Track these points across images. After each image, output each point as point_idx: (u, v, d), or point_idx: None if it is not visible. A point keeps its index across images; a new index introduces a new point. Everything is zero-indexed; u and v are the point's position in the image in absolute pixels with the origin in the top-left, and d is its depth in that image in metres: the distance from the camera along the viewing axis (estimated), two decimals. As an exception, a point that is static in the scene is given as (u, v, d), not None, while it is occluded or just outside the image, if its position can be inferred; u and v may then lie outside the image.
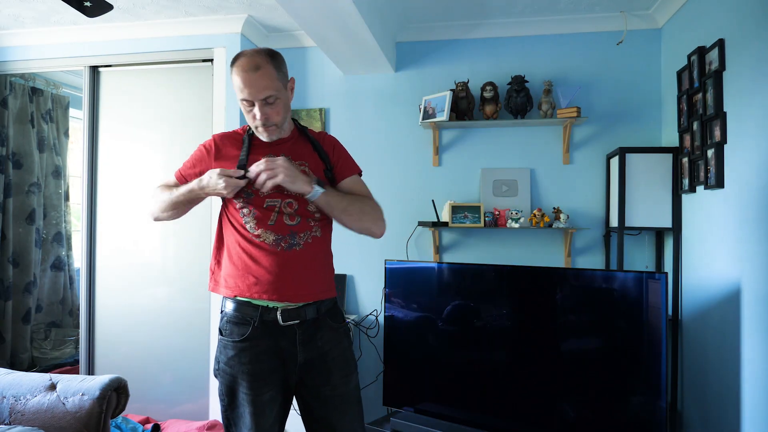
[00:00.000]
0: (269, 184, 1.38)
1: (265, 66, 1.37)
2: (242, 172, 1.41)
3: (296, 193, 1.44)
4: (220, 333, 1.49)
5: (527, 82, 2.77)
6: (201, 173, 1.49)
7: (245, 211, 1.47)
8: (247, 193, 1.46)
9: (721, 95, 2.08)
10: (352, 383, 1.55)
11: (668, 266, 2.62)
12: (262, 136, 1.48)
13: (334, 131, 3.04)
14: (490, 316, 2.38)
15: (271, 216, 1.45)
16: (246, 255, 1.45)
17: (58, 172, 3.75)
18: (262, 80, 1.37)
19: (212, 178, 1.40)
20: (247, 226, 1.46)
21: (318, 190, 1.42)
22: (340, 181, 1.56)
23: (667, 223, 2.52)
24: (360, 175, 1.62)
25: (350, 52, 2.70)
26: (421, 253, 2.99)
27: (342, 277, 3.03)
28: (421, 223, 2.85)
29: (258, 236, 1.45)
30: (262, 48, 1.43)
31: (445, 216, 2.83)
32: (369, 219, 1.52)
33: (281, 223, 1.44)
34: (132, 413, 2.94)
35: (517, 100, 2.74)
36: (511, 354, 2.33)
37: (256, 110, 1.40)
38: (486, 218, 2.79)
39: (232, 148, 1.52)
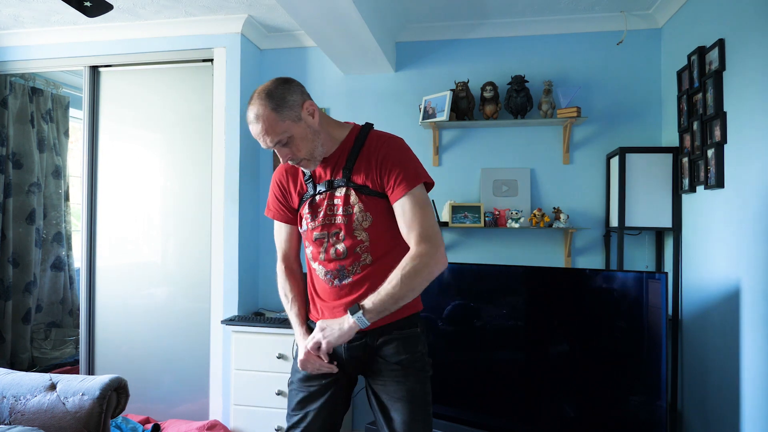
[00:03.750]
0: (323, 358, 1.36)
1: (263, 113, 1.29)
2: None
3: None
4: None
5: (527, 82, 2.77)
6: (287, 207, 1.50)
7: (306, 243, 1.48)
8: (303, 225, 1.45)
9: (721, 95, 2.08)
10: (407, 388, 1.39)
11: (668, 266, 2.62)
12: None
13: (334, 131, 3.04)
14: (490, 316, 2.38)
15: (321, 249, 1.42)
16: (312, 284, 1.48)
17: (58, 172, 3.75)
18: (264, 129, 1.30)
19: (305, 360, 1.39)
20: (309, 256, 1.47)
21: (361, 319, 1.29)
22: (393, 203, 1.38)
23: (667, 223, 2.52)
24: (413, 187, 1.36)
25: (350, 52, 2.70)
26: (421, 253, 2.98)
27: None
28: (421, 223, 2.84)
29: (315, 270, 1.45)
30: (263, 88, 1.33)
31: (445, 216, 2.83)
32: (421, 281, 1.31)
33: (329, 257, 1.40)
34: (132, 413, 2.93)
35: (517, 100, 2.74)
36: (511, 354, 2.33)
37: (279, 153, 1.36)
38: (486, 218, 2.79)
39: (294, 180, 1.50)
